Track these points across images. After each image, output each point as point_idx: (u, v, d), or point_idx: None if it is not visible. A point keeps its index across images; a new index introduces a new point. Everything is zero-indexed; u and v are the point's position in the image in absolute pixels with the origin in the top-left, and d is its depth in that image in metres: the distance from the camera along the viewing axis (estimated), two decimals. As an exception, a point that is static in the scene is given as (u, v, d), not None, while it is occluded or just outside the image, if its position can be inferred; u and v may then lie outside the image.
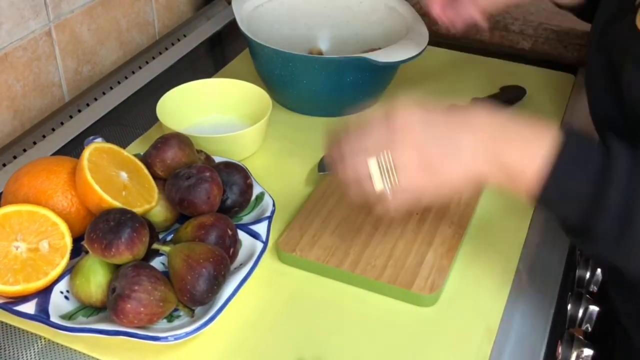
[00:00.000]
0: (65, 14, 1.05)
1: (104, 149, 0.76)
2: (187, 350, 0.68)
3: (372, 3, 1.10)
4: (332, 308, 0.73)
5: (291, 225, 0.80)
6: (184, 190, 0.74)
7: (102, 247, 0.68)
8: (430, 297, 0.72)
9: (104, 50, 1.14)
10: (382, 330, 0.71)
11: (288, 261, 0.77)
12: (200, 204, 0.74)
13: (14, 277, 0.68)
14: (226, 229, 0.73)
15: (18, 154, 0.96)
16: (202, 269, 0.67)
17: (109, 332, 0.66)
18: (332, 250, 0.77)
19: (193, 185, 0.74)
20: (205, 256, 0.68)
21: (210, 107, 0.99)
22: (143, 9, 1.20)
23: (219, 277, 0.68)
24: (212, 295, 0.68)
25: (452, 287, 0.75)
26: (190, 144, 0.80)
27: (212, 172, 0.76)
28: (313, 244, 0.78)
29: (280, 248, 0.77)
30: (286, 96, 1.03)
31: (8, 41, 0.96)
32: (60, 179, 0.75)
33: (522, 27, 1.21)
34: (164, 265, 0.75)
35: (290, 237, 0.79)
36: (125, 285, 0.66)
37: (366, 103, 1.04)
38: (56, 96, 1.07)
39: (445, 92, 1.08)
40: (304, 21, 1.13)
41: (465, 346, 0.69)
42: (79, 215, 0.75)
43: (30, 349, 0.70)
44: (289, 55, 0.96)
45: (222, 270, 0.69)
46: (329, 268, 0.75)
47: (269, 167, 0.92)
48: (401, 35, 1.00)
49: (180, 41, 1.24)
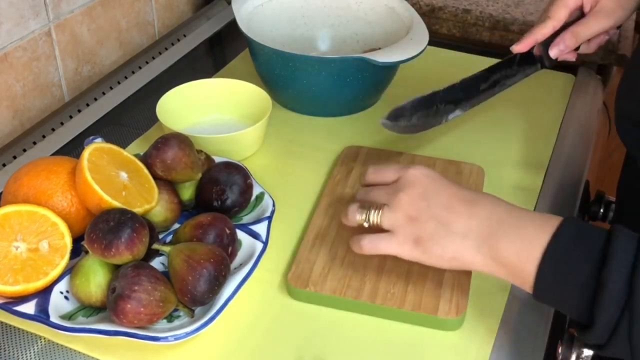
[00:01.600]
0: (65, 14, 1.04)
1: (104, 149, 0.76)
2: (187, 350, 0.68)
3: (372, 3, 1.10)
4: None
5: (297, 258, 0.76)
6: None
7: (102, 247, 0.68)
8: (457, 320, 0.70)
9: (104, 50, 1.14)
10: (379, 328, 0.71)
11: (301, 297, 0.73)
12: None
13: (14, 277, 0.68)
14: (224, 228, 0.73)
15: (18, 154, 0.96)
16: (202, 269, 0.67)
17: (109, 332, 0.66)
18: (346, 280, 0.73)
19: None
20: (206, 256, 0.68)
21: (210, 107, 0.99)
22: (143, 9, 1.20)
23: (219, 277, 0.68)
24: (212, 296, 0.68)
25: (452, 287, 0.75)
26: (190, 144, 0.80)
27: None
28: (325, 277, 0.74)
29: (292, 285, 0.73)
30: (286, 96, 1.03)
31: (8, 41, 0.96)
32: (60, 179, 0.75)
33: (522, 27, 1.21)
34: (164, 265, 0.75)
35: (300, 271, 0.75)
36: (125, 286, 0.66)
37: (366, 103, 1.04)
38: (56, 96, 1.07)
39: (445, 92, 1.08)
40: (304, 21, 1.13)
41: (465, 346, 0.69)
42: (79, 215, 0.75)
43: (30, 349, 0.70)
44: (289, 55, 0.96)
45: (222, 270, 0.69)
46: (346, 301, 0.72)
47: (269, 167, 0.92)
48: (401, 35, 1.00)
49: (180, 41, 1.24)
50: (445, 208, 0.66)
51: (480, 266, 0.64)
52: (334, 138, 0.97)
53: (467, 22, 1.24)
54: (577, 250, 0.58)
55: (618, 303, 0.55)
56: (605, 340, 0.57)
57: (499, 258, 0.62)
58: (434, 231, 0.65)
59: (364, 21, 1.11)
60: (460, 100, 0.84)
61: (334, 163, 0.93)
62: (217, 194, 0.79)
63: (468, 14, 1.24)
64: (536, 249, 0.60)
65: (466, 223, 0.64)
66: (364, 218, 0.69)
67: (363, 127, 1.00)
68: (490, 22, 1.23)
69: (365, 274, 0.74)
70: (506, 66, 0.87)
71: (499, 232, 0.62)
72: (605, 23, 0.82)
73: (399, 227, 0.67)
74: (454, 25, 1.26)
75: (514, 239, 0.61)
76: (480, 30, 1.24)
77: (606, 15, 0.82)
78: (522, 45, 0.85)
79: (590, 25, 0.83)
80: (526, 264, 0.60)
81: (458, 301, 0.71)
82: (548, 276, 0.59)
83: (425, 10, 1.26)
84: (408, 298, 0.72)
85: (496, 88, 0.86)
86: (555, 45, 0.84)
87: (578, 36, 0.83)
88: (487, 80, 0.86)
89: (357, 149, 0.93)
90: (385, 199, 0.68)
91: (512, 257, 0.61)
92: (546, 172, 0.92)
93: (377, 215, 0.68)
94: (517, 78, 0.87)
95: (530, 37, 0.84)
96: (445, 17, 1.26)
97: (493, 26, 1.22)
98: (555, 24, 0.83)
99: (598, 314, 0.56)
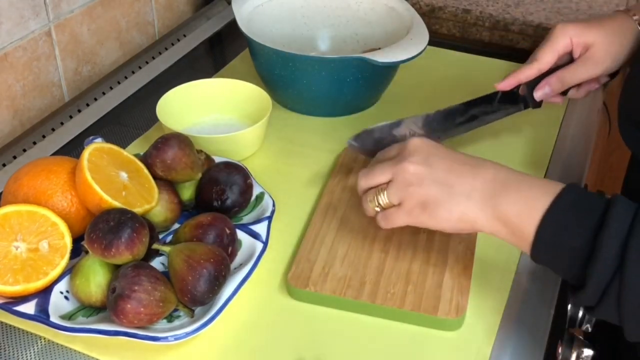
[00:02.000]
0: (65, 14, 1.05)
1: (104, 149, 0.76)
2: (187, 350, 0.68)
3: (372, 3, 1.10)
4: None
5: (297, 258, 0.76)
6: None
7: (102, 247, 0.68)
8: (456, 320, 0.70)
9: (104, 50, 1.14)
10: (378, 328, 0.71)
11: (301, 297, 0.73)
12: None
13: (14, 277, 0.68)
14: (224, 228, 0.73)
15: (18, 154, 0.96)
16: (202, 269, 0.67)
17: (109, 332, 0.66)
18: (346, 280, 0.73)
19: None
20: (206, 257, 0.68)
21: (210, 107, 0.99)
22: (143, 9, 1.20)
23: (219, 277, 0.68)
24: (212, 296, 0.68)
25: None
26: (190, 144, 0.80)
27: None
28: (325, 277, 0.74)
29: (292, 285, 0.73)
30: (286, 96, 1.03)
31: (8, 41, 0.96)
32: (60, 179, 0.75)
33: (522, 27, 1.21)
34: (164, 266, 0.75)
35: (300, 271, 0.74)
36: (125, 286, 0.66)
37: (366, 103, 1.04)
38: (56, 96, 1.07)
39: (445, 92, 1.08)
40: (304, 21, 1.13)
41: (465, 346, 0.69)
42: (79, 215, 0.75)
43: (30, 349, 0.70)
44: (289, 55, 0.96)
45: (222, 270, 0.69)
46: (346, 301, 0.72)
47: (269, 167, 0.92)
48: (401, 35, 1.00)
49: (180, 41, 1.24)
50: (449, 171, 0.67)
51: (483, 225, 0.65)
52: (334, 138, 0.97)
53: (467, 22, 1.25)
54: (575, 215, 0.60)
55: (610, 267, 0.57)
56: (596, 302, 0.58)
57: (501, 217, 0.64)
58: (439, 195, 0.66)
59: (364, 21, 1.11)
60: (432, 131, 0.84)
61: (334, 163, 0.93)
62: (217, 194, 0.79)
63: (468, 14, 1.24)
64: (537, 210, 0.61)
65: (470, 183, 0.65)
66: (375, 203, 0.71)
67: (363, 127, 1.00)
68: (490, 22, 1.23)
69: (365, 274, 0.74)
70: (486, 102, 0.88)
71: (502, 192, 0.64)
72: (592, 71, 0.83)
73: (405, 196, 0.68)
74: (454, 25, 1.26)
75: (516, 199, 0.63)
76: (480, 30, 1.24)
77: (594, 63, 0.83)
78: (505, 83, 0.86)
79: (577, 72, 0.84)
80: (526, 225, 0.62)
81: (458, 301, 0.71)
82: (546, 238, 0.61)
83: (425, 10, 1.26)
84: (408, 298, 0.72)
85: (474, 123, 0.87)
86: (540, 88, 0.85)
87: (564, 81, 0.84)
88: (465, 114, 0.87)
89: (357, 149, 0.93)
90: (389, 173, 0.69)
91: (513, 217, 0.63)
92: (546, 172, 0.92)
93: (384, 195, 0.70)
94: (498, 115, 0.88)
95: (514, 76, 0.85)
96: (445, 17, 1.26)
97: (493, 26, 1.22)
98: (541, 67, 0.84)
99: (590, 276, 0.57)
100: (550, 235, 0.60)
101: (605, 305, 0.58)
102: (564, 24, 0.84)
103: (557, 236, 0.60)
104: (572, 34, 0.83)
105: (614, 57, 0.83)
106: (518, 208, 0.62)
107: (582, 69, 0.83)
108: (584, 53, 0.83)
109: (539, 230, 0.61)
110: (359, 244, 0.78)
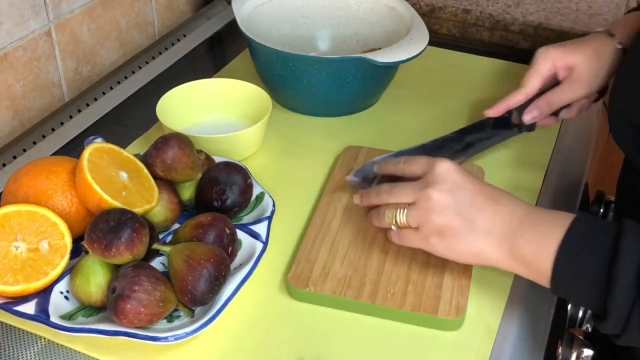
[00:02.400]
0: (65, 14, 1.04)
1: (104, 149, 0.76)
2: (187, 350, 0.68)
3: (372, 3, 1.10)
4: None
5: (297, 258, 0.76)
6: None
7: (102, 247, 0.68)
8: (456, 321, 0.70)
9: (104, 50, 1.14)
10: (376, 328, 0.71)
11: (301, 297, 0.73)
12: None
13: (14, 277, 0.68)
14: (224, 228, 0.73)
15: (18, 154, 0.96)
16: (202, 269, 0.67)
17: (109, 332, 0.66)
18: (346, 280, 0.73)
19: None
20: (206, 256, 0.68)
21: (210, 107, 0.99)
22: (143, 9, 1.20)
23: (219, 277, 0.68)
24: (212, 296, 0.68)
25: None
26: (190, 144, 0.80)
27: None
28: (325, 277, 0.74)
29: (292, 285, 0.73)
30: (286, 96, 1.03)
31: (8, 41, 0.96)
32: (60, 179, 0.75)
33: (522, 27, 1.21)
34: (164, 266, 0.75)
35: (300, 271, 0.74)
36: (125, 285, 0.66)
37: (366, 103, 1.04)
38: (56, 96, 1.07)
39: (445, 92, 1.08)
40: (304, 21, 1.13)
41: (465, 346, 0.69)
42: (79, 215, 0.75)
43: (30, 349, 0.70)
44: (289, 55, 0.96)
45: (222, 270, 0.69)
46: (346, 301, 0.72)
47: (269, 167, 0.92)
48: (401, 35, 1.00)
49: (180, 41, 1.24)
50: (471, 205, 0.68)
51: (500, 262, 0.67)
52: (334, 138, 0.97)
53: (467, 22, 1.25)
54: (588, 248, 0.61)
55: (629, 297, 0.58)
56: (620, 331, 0.60)
57: (517, 256, 0.65)
58: (459, 228, 0.67)
59: (364, 21, 1.11)
60: None
61: (334, 163, 0.93)
62: (217, 194, 0.79)
63: (468, 14, 1.24)
64: (551, 246, 0.62)
65: (490, 220, 0.67)
66: (392, 221, 0.72)
67: (363, 127, 1.00)
68: (490, 22, 1.23)
69: (365, 274, 0.74)
70: (479, 129, 0.90)
71: (518, 230, 0.65)
72: (579, 91, 0.85)
73: (425, 223, 0.69)
74: (454, 25, 1.26)
75: (531, 236, 0.64)
76: (480, 30, 1.24)
77: (579, 83, 0.85)
78: (494, 110, 0.88)
79: (564, 93, 0.86)
80: (542, 261, 0.63)
81: (458, 301, 0.71)
82: (563, 271, 0.62)
83: (425, 10, 1.26)
84: (408, 298, 0.72)
85: (471, 150, 0.89)
86: (529, 112, 0.87)
87: (552, 104, 0.86)
88: (460, 141, 0.89)
89: (357, 149, 0.93)
90: (412, 196, 0.70)
91: (529, 254, 0.64)
92: (546, 172, 0.92)
93: (403, 215, 0.71)
94: (493, 141, 0.90)
95: (503, 103, 0.87)
96: (445, 17, 1.26)
97: (493, 26, 1.22)
98: (528, 92, 0.86)
99: (611, 307, 0.59)
100: (566, 270, 0.62)
101: (629, 332, 0.59)
102: (546, 49, 0.86)
103: (573, 270, 0.61)
104: (554, 57, 0.85)
105: (599, 74, 0.84)
106: (533, 245, 0.64)
107: (569, 90, 0.85)
108: (568, 75, 0.85)
109: (555, 266, 0.62)
110: (359, 244, 0.78)
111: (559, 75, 0.86)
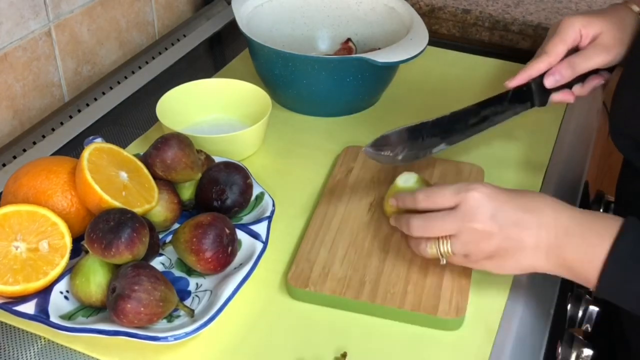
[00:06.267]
0: (64, 14, 1.05)
1: (104, 149, 0.76)
2: (187, 350, 0.68)
3: (372, 3, 1.10)
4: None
5: (297, 258, 0.76)
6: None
7: (102, 247, 0.68)
8: (456, 320, 0.70)
9: (104, 50, 1.14)
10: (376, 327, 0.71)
11: (301, 297, 0.74)
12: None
13: (14, 277, 0.68)
14: (224, 228, 0.73)
15: (18, 154, 0.96)
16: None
17: (109, 332, 0.66)
18: (346, 280, 0.73)
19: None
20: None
21: (210, 107, 0.99)
22: (143, 9, 1.20)
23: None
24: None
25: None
26: (190, 144, 0.80)
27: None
28: (325, 276, 0.74)
29: (292, 285, 0.73)
30: (286, 96, 1.03)
31: (8, 41, 0.96)
32: (60, 179, 0.75)
33: (522, 27, 1.21)
34: (164, 266, 0.75)
35: (300, 271, 0.74)
36: (125, 285, 0.66)
37: (366, 103, 1.04)
38: (56, 96, 1.07)
39: (445, 92, 1.08)
40: (304, 21, 1.13)
41: (465, 346, 0.69)
42: (79, 215, 0.75)
43: (30, 349, 0.70)
44: (289, 55, 0.96)
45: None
46: (346, 301, 0.72)
47: (269, 167, 0.92)
48: (401, 35, 1.00)
49: (180, 41, 1.24)
50: (515, 225, 0.67)
51: (548, 271, 0.68)
52: (334, 138, 0.97)
53: (467, 22, 1.25)
54: (635, 258, 0.62)
55: None
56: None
57: (564, 264, 0.66)
58: (509, 249, 0.67)
59: (363, 21, 1.11)
60: (447, 134, 0.83)
61: (334, 163, 0.93)
62: (217, 194, 0.79)
63: (468, 14, 1.24)
64: (598, 258, 0.63)
65: (536, 235, 0.66)
66: (436, 253, 0.71)
67: (363, 127, 1.00)
68: (490, 22, 1.23)
69: (365, 274, 0.74)
70: (497, 102, 0.85)
71: (564, 239, 0.66)
72: (604, 57, 0.81)
73: (474, 251, 0.69)
74: (454, 25, 1.26)
75: (577, 245, 0.65)
76: (480, 30, 1.24)
77: (606, 48, 0.81)
78: (517, 80, 0.82)
79: (589, 57, 0.81)
80: (589, 271, 0.64)
81: (458, 301, 0.71)
82: (610, 283, 0.63)
83: (425, 10, 1.26)
84: (408, 298, 0.72)
85: (484, 124, 0.85)
86: (551, 74, 0.81)
87: (575, 67, 0.81)
88: (477, 115, 0.85)
89: (357, 149, 0.93)
90: (452, 229, 0.69)
91: (575, 263, 0.65)
92: (546, 172, 0.92)
93: (447, 247, 0.70)
94: (505, 115, 0.86)
95: (525, 72, 0.82)
96: (445, 17, 1.26)
97: (493, 26, 1.23)
98: (552, 59, 0.81)
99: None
100: (613, 281, 0.63)
101: None
102: (571, 17, 0.82)
103: (619, 282, 0.63)
104: (580, 25, 0.81)
105: (622, 44, 0.81)
106: (580, 256, 0.65)
107: (594, 54, 0.80)
108: (593, 41, 0.82)
109: (601, 276, 0.63)
110: (359, 244, 0.78)
111: (583, 44, 0.82)
